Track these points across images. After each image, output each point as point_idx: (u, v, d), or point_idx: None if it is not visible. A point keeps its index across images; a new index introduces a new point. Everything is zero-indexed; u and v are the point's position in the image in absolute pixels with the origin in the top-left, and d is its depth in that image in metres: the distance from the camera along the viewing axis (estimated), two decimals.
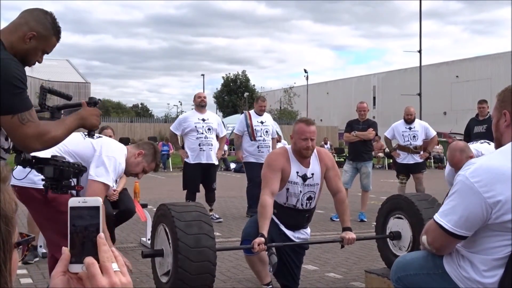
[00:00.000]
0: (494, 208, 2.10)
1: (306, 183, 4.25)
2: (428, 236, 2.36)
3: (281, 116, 46.16)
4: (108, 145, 3.69)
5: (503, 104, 2.29)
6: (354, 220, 8.12)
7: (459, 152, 4.60)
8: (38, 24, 2.49)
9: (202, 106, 8.12)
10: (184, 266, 3.53)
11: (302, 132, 4.13)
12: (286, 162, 4.21)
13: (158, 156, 4.05)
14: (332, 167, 4.36)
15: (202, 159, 7.90)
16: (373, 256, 5.70)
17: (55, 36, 2.57)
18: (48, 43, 2.55)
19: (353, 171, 8.61)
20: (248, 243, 3.97)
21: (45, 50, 2.57)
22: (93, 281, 0.93)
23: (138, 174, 3.94)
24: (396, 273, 2.63)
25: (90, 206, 0.99)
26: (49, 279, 4.83)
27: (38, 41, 2.49)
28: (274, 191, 4.09)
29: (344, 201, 4.31)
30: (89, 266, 0.95)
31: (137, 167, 3.87)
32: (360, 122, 8.64)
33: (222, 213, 8.95)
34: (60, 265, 0.98)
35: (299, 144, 4.16)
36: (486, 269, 2.19)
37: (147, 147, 3.95)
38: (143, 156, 3.87)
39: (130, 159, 3.82)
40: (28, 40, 2.46)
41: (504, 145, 2.25)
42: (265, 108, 8.84)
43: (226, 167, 21.53)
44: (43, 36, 2.50)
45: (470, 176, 2.16)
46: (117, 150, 3.72)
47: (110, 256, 0.97)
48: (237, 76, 58.98)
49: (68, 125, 2.57)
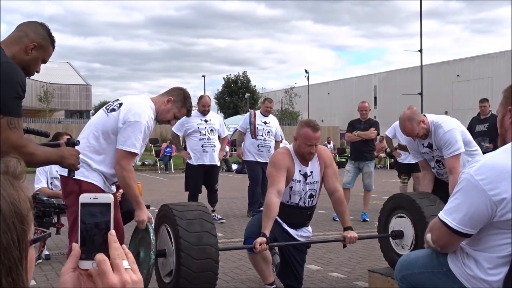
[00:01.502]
0: (499, 206, 2.09)
1: (307, 181, 4.28)
2: (433, 234, 2.35)
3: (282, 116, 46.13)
4: (128, 109, 3.53)
5: (508, 100, 2.29)
6: (356, 220, 8.12)
7: (408, 122, 4.53)
8: (37, 35, 2.66)
9: (204, 115, 8.08)
10: (187, 264, 3.53)
11: (308, 138, 4.12)
12: (291, 161, 4.23)
13: (189, 101, 3.84)
14: (330, 164, 4.36)
15: (205, 161, 7.89)
16: (376, 256, 5.69)
17: (51, 45, 2.75)
18: (47, 52, 2.72)
19: (355, 171, 8.60)
20: (251, 241, 3.97)
21: (44, 59, 2.73)
22: (104, 278, 0.93)
23: (170, 121, 3.83)
24: (400, 272, 2.63)
25: (101, 203, 0.99)
26: (52, 281, 4.83)
27: (38, 51, 2.66)
28: (281, 189, 4.09)
29: (343, 202, 4.29)
30: (100, 263, 0.94)
31: (167, 114, 3.74)
32: (362, 121, 8.63)
33: (225, 214, 8.95)
34: (70, 262, 0.97)
35: (303, 148, 4.17)
36: (491, 267, 2.19)
37: (175, 93, 3.78)
38: (172, 102, 3.72)
39: (160, 107, 3.69)
40: (30, 51, 2.62)
41: (508, 142, 2.25)
42: (270, 109, 8.92)
43: (228, 168, 21.53)
44: (43, 46, 2.68)
45: (474, 173, 2.15)
46: (139, 110, 3.54)
47: (121, 253, 0.96)
48: (238, 77, 58.94)
49: (48, 153, 2.63)
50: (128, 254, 0.97)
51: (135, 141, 3.47)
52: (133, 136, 3.47)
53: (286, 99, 50.21)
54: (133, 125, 3.47)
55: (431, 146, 4.65)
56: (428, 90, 37.83)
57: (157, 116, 3.71)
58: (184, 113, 3.82)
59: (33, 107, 42.66)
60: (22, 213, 0.85)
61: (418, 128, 4.53)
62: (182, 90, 3.85)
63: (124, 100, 3.65)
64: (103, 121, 3.57)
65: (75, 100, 52.71)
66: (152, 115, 3.62)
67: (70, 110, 53.71)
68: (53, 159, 2.68)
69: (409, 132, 4.59)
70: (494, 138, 4.36)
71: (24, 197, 0.87)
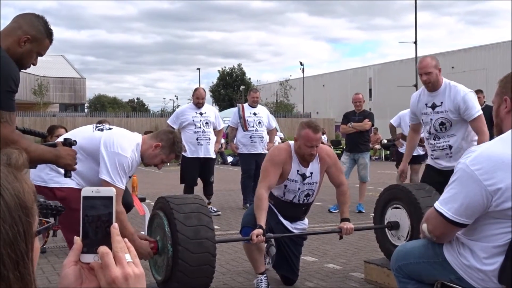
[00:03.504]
0: (494, 195, 2.10)
1: (305, 182, 4.27)
2: (429, 224, 2.36)
3: (277, 109, 46.16)
4: (116, 140, 3.47)
5: (504, 90, 2.30)
6: (352, 211, 8.12)
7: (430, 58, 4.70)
8: (31, 28, 2.58)
9: (199, 107, 8.09)
10: (184, 258, 3.54)
11: (309, 140, 4.08)
12: (289, 158, 4.20)
13: (178, 146, 3.74)
14: (333, 164, 4.35)
15: (200, 153, 7.90)
16: (372, 247, 5.71)
17: (48, 38, 2.66)
18: (42, 46, 2.64)
19: (351, 162, 8.62)
20: (248, 230, 3.99)
21: (39, 53, 2.66)
22: (106, 271, 0.92)
23: (158, 165, 3.75)
24: (396, 262, 2.64)
25: (104, 196, 0.98)
26: (48, 274, 4.83)
27: (32, 44, 2.58)
28: (271, 185, 4.11)
29: (346, 193, 4.34)
30: (103, 255, 0.93)
31: (155, 159, 3.66)
32: (356, 113, 8.64)
33: (220, 206, 8.96)
34: (71, 255, 0.97)
35: (304, 150, 4.13)
36: (486, 257, 2.20)
37: (165, 137, 3.67)
38: (160, 148, 3.62)
39: (147, 151, 3.61)
40: (23, 44, 2.55)
41: (504, 132, 2.26)
42: (257, 99, 8.87)
43: (223, 161, 21.53)
44: (37, 39, 2.60)
45: (470, 164, 2.16)
46: (127, 145, 3.48)
47: (123, 247, 0.96)
48: (233, 70, 58.90)
49: (42, 151, 2.58)
50: (130, 248, 0.97)
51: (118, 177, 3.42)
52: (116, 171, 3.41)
53: (281, 91, 50.16)
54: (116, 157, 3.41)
55: (434, 106, 4.67)
56: None
57: (144, 159, 3.64)
58: (172, 158, 3.75)
59: (28, 101, 42.51)
60: (27, 205, 0.84)
61: (434, 71, 4.61)
62: (172, 134, 3.77)
63: (115, 128, 3.66)
64: (87, 135, 3.50)
65: (70, 94, 52.54)
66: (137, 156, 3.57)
67: (65, 104, 53.57)
68: (48, 157, 2.62)
69: (425, 65, 4.63)
70: (489, 129, 4.38)
71: (28, 189, 0.86)
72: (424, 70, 4.63)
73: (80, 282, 0.96)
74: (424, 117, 4.80)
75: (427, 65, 4.62)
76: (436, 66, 4.62)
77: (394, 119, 8.97)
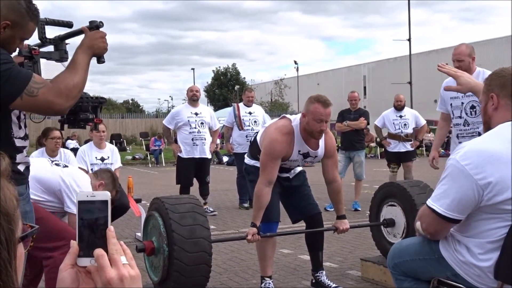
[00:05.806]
0: (485, 189, 2.12)
1: (307, 160, 4.16)
2: (422, 222, 2.37)
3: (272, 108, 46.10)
4: (77, 177, 3.82)
5: (490, 87, 2.34)
6: (348, 209, 8.13)
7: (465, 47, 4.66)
8: (11, 12, 2.31)
9: (195, 100, 8.10)
10: (180, 257, 3.54)
11: (318, 114, 3.83)
12: (289, 146, 3.98)
13: (117, 182, 4.26)
14: (332, 155, 4.20)
15: (196, 154, 7.91)
16: (368, 245, 5.72)
17: (32, 21, 2.39)
18: (25, 30, 2.38)
19: (346, 160, 8.64)
20: (270, 226, 4.11)
21: (23, 37, 2.43)
22: (102, 273, 0.93)
23: None
24: (392, 260, 2.65)
25: (99, 200, 0.99)
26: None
27: (13, 30, 2.32)
28: (272, 180, 3.94)
29: (340, 191, 4.25)
30: (99, 257, 0.94)
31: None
32: (352, 111, 8.66)
33: (216, 206, 8.95)
34: (68, 258, 0.97)
35: (312, 125, 3.87)
36: (481, 253, 2.21)
37: (105, 176, 4.14)
38: (104, 186, 4.01)
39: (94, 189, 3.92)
40: (2, 30, 2.30)
41: (492, 128, 2.29)
42: (253, 98, 8.88)
43: (219, 161, 21.51)
44: (18, 24, 2.33)
45: (460, 159, 2.18)
46: (86, 181, 3.86)
47: (119, 249, 0.96)
48: (227, 70, 58.82)
49: (79, 63, 2.39)
50: (126, 251, 0.97)
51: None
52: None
53: (276, 90, 50.16)
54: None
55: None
56: (417, 79, 37.90)
57: None
58: (114, 195, 4.11)
59: None
60: (8, 212, 0.83)
61: (467, 59, 4.62)
62: (111, 173, 4.28)
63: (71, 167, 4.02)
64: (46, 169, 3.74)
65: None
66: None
67: None
68: (87, 60, 2.42)
69: (458, 53, 4.64)
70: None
71: (10, 196, 0.84)
72: (457, 57, 4.65)
73: (77, 285, 0.96)
74: (455, 102, 4.80)
75: (460, 52, 4.64)
76: (470, 55, 4.64)
77: (378, 120, 9.01)
